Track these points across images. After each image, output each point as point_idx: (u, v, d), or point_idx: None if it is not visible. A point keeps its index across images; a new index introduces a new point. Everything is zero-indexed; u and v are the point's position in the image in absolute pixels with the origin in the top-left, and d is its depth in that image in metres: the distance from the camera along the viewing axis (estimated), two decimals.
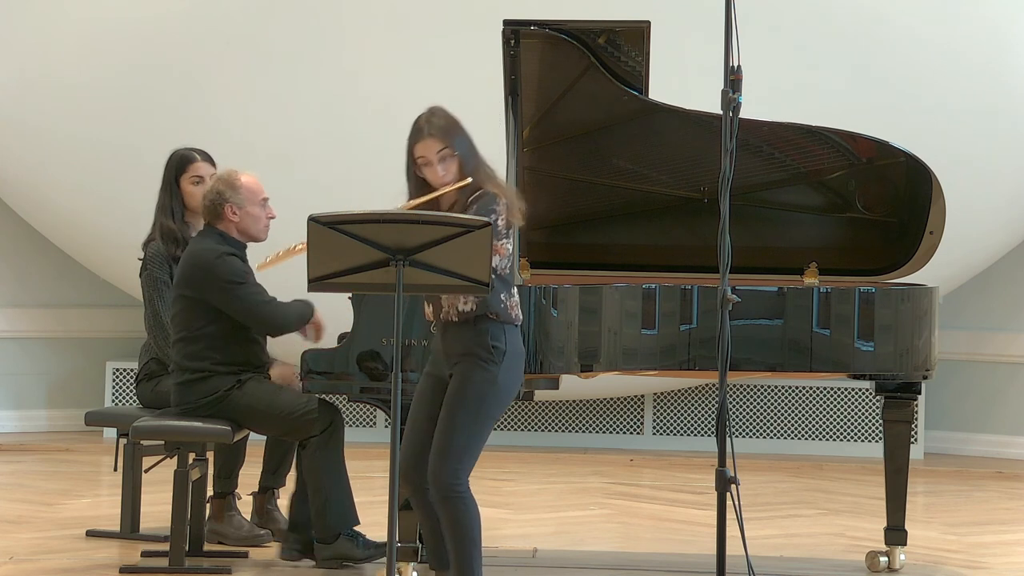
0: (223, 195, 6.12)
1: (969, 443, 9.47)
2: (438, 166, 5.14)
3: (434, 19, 8.62)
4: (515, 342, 5.17)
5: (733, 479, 4.79)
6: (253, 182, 6.17)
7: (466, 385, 5.10)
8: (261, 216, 6.17)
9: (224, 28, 8.70)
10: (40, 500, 7.56)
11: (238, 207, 6.12)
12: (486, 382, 5.09)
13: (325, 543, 6.01)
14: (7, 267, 9.65)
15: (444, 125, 5.17)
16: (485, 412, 5.11)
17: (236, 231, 6.15)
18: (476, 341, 5.10)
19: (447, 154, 5.14)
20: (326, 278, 4.90)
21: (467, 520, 5.11)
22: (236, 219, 6.13)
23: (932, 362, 6.21)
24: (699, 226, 6.45)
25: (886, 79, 8.59)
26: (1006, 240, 9.15)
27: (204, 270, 6.06)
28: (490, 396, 5.09)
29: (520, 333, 5.22)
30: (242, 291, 6.05)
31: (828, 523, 7.40)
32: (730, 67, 4.84)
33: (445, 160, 5.14)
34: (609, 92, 6.23)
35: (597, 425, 9.45)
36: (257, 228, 6.17)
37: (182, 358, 6.11)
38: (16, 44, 8.85)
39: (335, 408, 6.11)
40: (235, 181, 6.14)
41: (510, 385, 5.15)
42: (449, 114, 5.22)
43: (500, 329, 5.12)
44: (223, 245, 6.10)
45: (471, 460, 5.13)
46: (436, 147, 5.14)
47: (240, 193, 6.13)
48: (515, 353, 5.16)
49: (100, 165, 8.86)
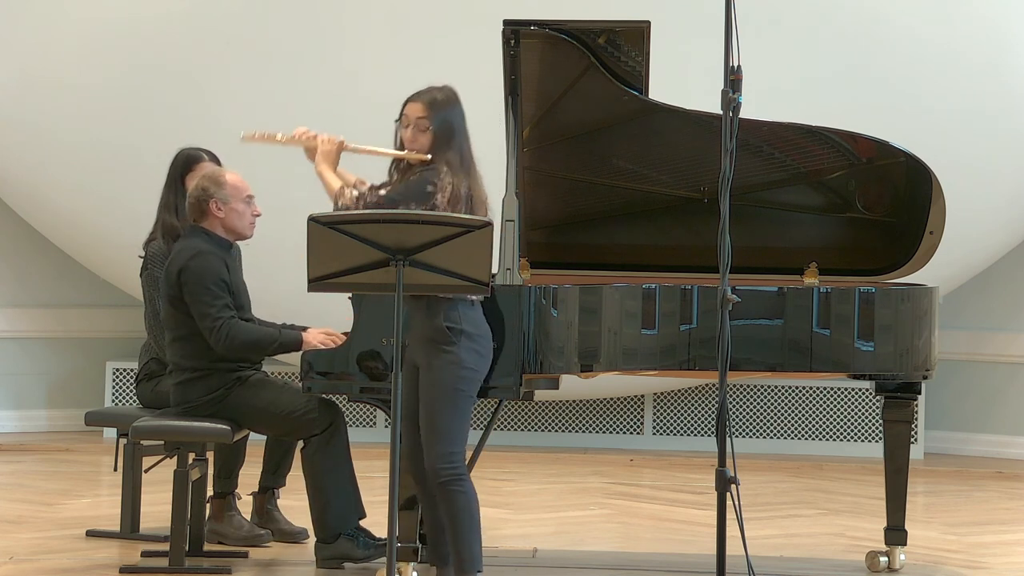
0: (208, 191, 6.11)
1: (969, 443, 9.47)
2: (411, 129, 5.34)
3: (434, 19, 8.62)
4: (473, 320, 5.25)
5: (733, 479, 4.79)
6: (238, 179, 6.17)
7: (432, 373, 5.21)
8: (246, 213, 6.16)
9: (224, 28, 8.70)
10: (40, 500, 7.56)
11: (223, 203, 6.11)
12: (450, 364, 5.20)
13: (326, 543, 6.02)
14: (7, 267, 9.65)
15: (438, 100, 5.36)
16: (458, 394, 5.21)
17: (222, 228, 6.13)
18: (432, 325, 5.20)
19: (423, 125, 5.32)
20: (326, 278, 4.90)
21: (465, 504, 5.22)
22: (221, 215, 6.11)
23: (932, 362, 6.21)
24: (699, 226, 6.45)
25: (886, 79, 8.58)
26: (1006, 240, 9.15)
27: (178, 268, 6.04)
28: (458, 378, 5.20)
29: (479, 309, 5.29)
30: (204, 296, 5.98)
31: (828, 523, 7.40)
32: (730, 67, 4.85)
33: (419, 128, 5.33)
34: (609, 92, 6.22)
35: (597, 425, 9.45)
36: (243, 224, 6.16)
37: (179, 358, 6.10)
38: (16, 44, 8.85)
39: (336, 408, 6.10)
40: (220, 178, 6.14)
41: (477, 362, 5.25)
42: (453, 97, 5.38)
43: (454, 309, 5.20)
44: (203, 244, 6.07)
45: (460, 441, 5.24)
46: (418, 112, 5.35)
47: (225, 189, 6.12)
48: (475, 331, 5.25)
49: (100, 165, 8.86)
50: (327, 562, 6.02)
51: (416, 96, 5.39)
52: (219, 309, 5.98)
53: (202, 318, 5.99)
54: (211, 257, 6.04)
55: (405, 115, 5.37)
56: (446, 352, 5.20)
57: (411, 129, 5.34)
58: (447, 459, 5.20)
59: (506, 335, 5.68)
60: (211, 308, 5.98)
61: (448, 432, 5.20)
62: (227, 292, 6.03)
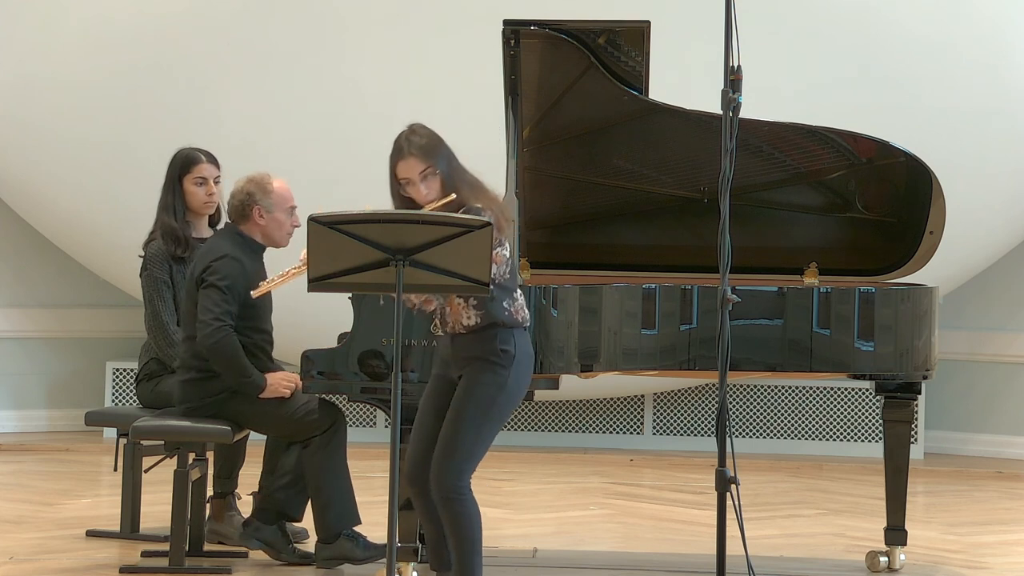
0: (253, 196, 6.14)
1: (969, 443, 9.47)
2: (420, 185, 5.14)
3: (434, 19, 8.62)
4: (524, 344, 5.19)
5: (733, 479, 4.79)
6: (284, 188, 6.20)
7: (475, 386, 5.12)
8: (286, 223, 6.19)
9: (224, 28, 8.69)
10: (40, 500, 7.56)
11: (266, 211, 6.14)
12: (495, 384, 5.12)
13: (326, 543, 6.02)
14: (7, 267, 9.64)
15: (425, 144, 5.14)
16: (493, 414, 5.13)
17: (260, 234, 6.17)
18: (486, 346, 5.13)
19: (429, 173, 5.13)
20: (326, 278, 4.90)
21: (468, 522, 5.13)
22: (263, 223, 6.15)
23: (932, 362, 6.21)
24: (699, 226, 6.45)
25: (886, 79, 8.58)
26: (1006, 240, 9.15)
27: (204, 266, 6.07)
28: (499, 398, 5.12)
29: (529, 335, 5.24)
30: (212, 295, 6.00)
31: (828, 523, 7.40)
32: (730, 67, 4.85)
33: (427, 179, 5.14)
34: (609, 92, 6.22)
35: (597, 425, 9.45)
36: (280, 234, 6.20)
37: (189, 356, 6.11)
38: (16, 44, 8.85)
39: (337, 408, 6.11)
40: (267, 185, 6.16)
41: (519, 388, 5.18)
42: (430, 132, 5.19)
43: (509, 333, 5.15)
44: (235, 248, 6.10)
45: (475, 461, 5.15)
46: (418, 167, 5.13)
47: (270, 197, 6.15)
48: (525, 356, 5.18)
49: (100, 165, 8.86)
50: (327, 562, 6.02)
51: (400, 154, 5.14)
52: (222, 312, 5.99)
53: (203, 312, 6.00)
54: (237, 264, 6.06)
55: (404, 177, 5.14)
56: (496, 373, 5.11)
57: (420, 185, 5.14)
58: (458, 475, 5.10)
59: None
60: (215, 308, 5.99)
61: (469, 449, 5.11)
62: (236, 303, 6.03)
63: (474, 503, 5.14)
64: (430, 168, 5.12)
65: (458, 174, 5.18)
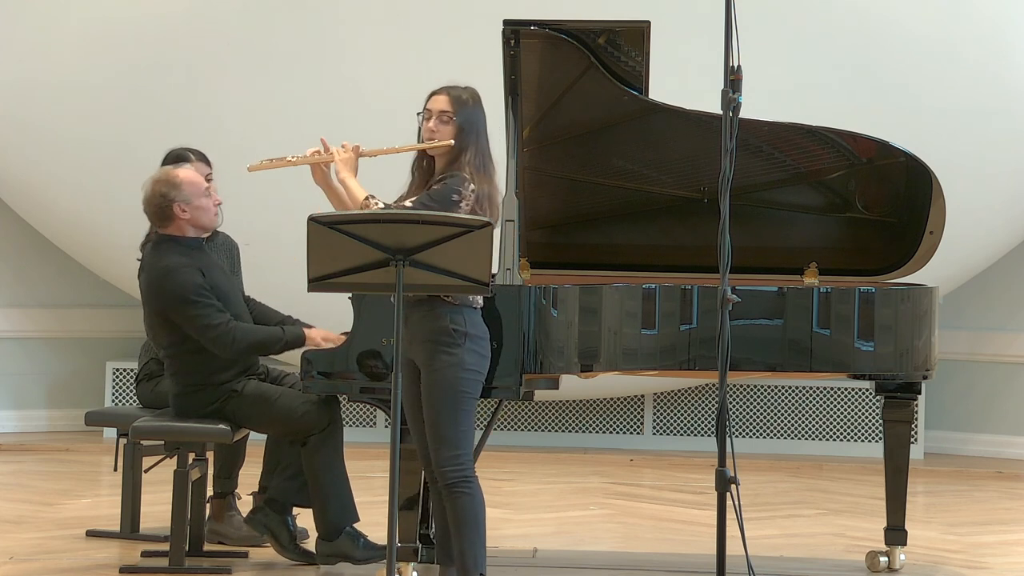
0: (168, 196, 6.01)
1: (969, 443, 9.47)
2: (433, 121, 5.33)
3: (434, 19, 8.62)
4: (475, 323, 5.26)
5: (733, 479, 4.79)
6: (191, 174, 6.09)
7: (433, 373, 5.21)
8: (209, 206, 6.08)
9: (224, 28, 8.70)
10: (40, 500, 7.56)
11: (185, 203, 6.04)
12: (451, 364, 5.19)
13: (327, 539, 6.02)
14: (7, 267, 9.64)
15: (464, 98, 5.37)
16: (461, 396, 5.20)
17: (190, 228, 6.08)
18: (436, 326, 5.20)
19: (447, 117, 5.32)
20: (326, 278, 4.90)
21: (471, 508, 5.22)
22: (186, 216, 6.04)
23: (932, 362, 6.21)
24: (699, 226, 6.45)
25: (886, 79, 8.58)
26: (1006, 240, 9.15)
27: (156, 289, 6.00)
28: (461, 376, 5.20)
29: (480, 315, 5.29)
30: (192, 311, 5.94)
31: (828, 523, 7.40)
32: (730, 67, 4.85)
33: (443, 121, 5.33)
34: (609, 92, 6.22)
35: (597, 425, 9.45)
36: (208, 217, 6.10)
37: (173, 372, 6.08)
38: (16, 44, 8.85)
39: (335, 405, 6.10)
40: (174, 179, 6.04)
41: (477, 362, 5.25)
42: (476, 95, 5.40)
43: (459, 312, 5.21)
44: (173, 256, 5.99)
45: (467, 443, 5.24)
46: (442, 105, 5.34)
47: (183, 189, 6.03)
48: (477, 334, 5.25)
49: (100, 165, 8.86)
50: (327, 559, 6.02)
51: (441, 90, 5.39)
52: (214, 317, 5.94)
53: (202, 331, 5.94)
54: (182, 272, 5.97)
55: (428, 108, 5.37)
56: (449, 354, 5.19)
57: (434, 121, 5.33)
58: (453, 462, 5.20)
59: (506, 335, 5.68)
60: (206, 319, 5.93)
61: (454, 435, 5.20)
62: (211, 295, 6.00)
63: (479, 491, 5.23)
64: (450, 113, 5.31)
65: (473, 141, 5.32)
